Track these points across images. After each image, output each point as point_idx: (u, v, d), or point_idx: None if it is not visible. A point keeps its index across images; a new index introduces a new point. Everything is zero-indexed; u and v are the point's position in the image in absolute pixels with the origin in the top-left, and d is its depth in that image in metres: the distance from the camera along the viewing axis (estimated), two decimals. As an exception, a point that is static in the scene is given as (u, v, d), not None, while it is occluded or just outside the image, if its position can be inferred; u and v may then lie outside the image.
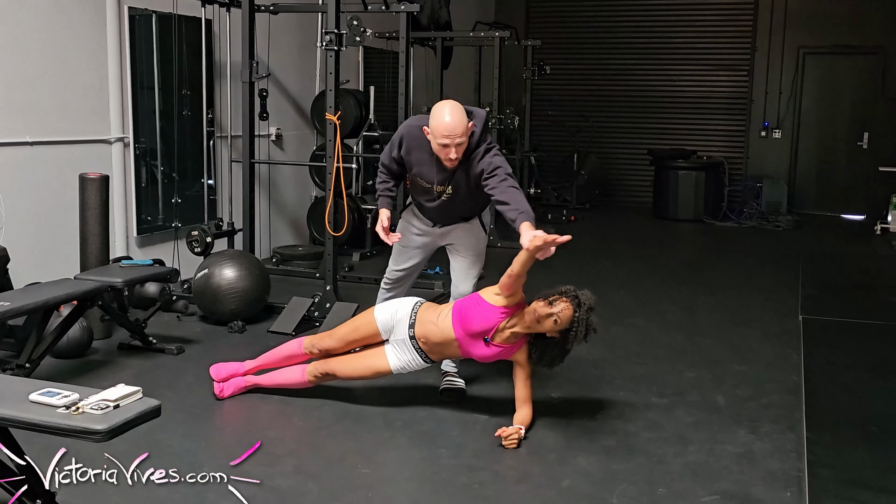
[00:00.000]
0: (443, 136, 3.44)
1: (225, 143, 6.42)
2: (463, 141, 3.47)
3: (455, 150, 3.47)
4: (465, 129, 3.47)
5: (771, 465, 3.27)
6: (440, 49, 8.38)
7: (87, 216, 4.65)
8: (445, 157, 3.51)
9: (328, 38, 4.97)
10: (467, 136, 3.49)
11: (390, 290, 4.06)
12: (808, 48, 10.62)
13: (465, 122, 3.47)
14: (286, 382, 3.81)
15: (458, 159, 3.52)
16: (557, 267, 7.17)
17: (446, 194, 3.70)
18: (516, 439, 3.34)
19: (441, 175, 3.65)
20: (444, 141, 3.45)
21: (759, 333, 5.22)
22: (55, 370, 4.07)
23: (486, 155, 3.57)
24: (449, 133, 3.43)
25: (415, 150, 3.68)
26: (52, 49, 5.04)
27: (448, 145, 3.45)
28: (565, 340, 3.42)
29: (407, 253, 3.99)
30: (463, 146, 3.49)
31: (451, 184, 3.65)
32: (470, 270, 3.91)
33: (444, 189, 3.69)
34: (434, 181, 3.69)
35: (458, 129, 3.44)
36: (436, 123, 3.47)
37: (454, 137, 3.44)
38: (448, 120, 3.43)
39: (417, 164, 3.71)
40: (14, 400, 2.34)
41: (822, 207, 10.74)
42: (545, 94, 10.70)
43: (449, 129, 3.43)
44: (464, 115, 3.47)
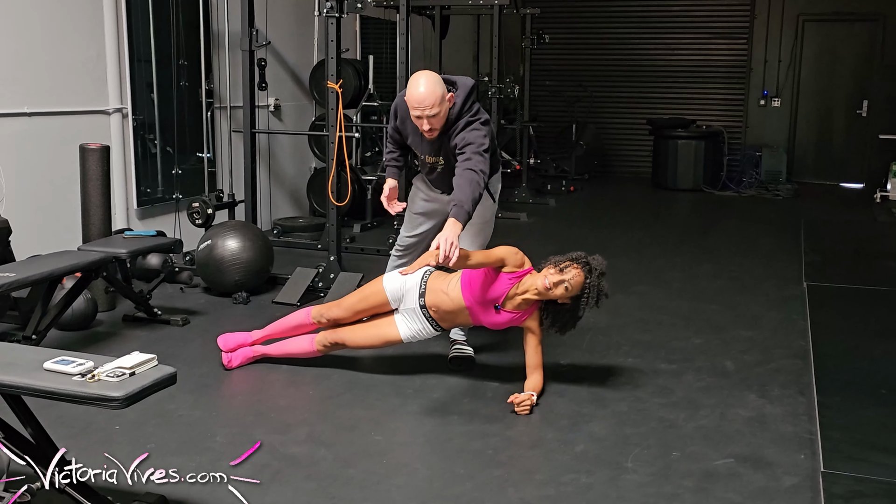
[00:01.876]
0: (413, 108, 3.43)
1: (224, 113, 6.36)
2: (435, 112, 3.41)
3: (427, 122, 3.44)
4: (438, 100, 3.39)
5: (783, 428, 3.28)
6: (438, 18, 8.29)
7: (89, 187, 4.61)
8: (421, 129, 3.51)
9: (329, 4, 4.89)
10: (442, 108, 3.43)
11: (402, 257, 4.03)
12: (808, 15, 10.55)
13: (439, 94, 3.40)
14: (295, 352, 3.79)
15: (433, 130, 3.49)
16: (558, 236, 7.23)
17: (440, 165, 3.68)
18: (528, 405, 3.34)
19: (428, 146, 3.64)
20: (415, 112, 3.44)
21: (763, 300, 5.22)
22: (61, 342, 4.05)
23: (465, 129, 3.50)
24: (419, 104, 3.40)
25: (407, 120, 3.65)
26: (50, 19, 4.97)
27: (420, 116, 3.43)
28: (577, 307, 3.41)
29: (417, 220, 3.97)
30: (437, 118, 3.44)
31: (440, 155, 3.63)
32: (476, 238, 3.87)
33: (435, 160, 3.67)
34: (423, 152, 3.68)
35: (428, 100, 3.38)
36: (409, 94, 3.45)
37: (424, 108, 3.39)
38: (421, 91, 3.39)
39: (411, 134, 3.71)
40: (28, 368, 2.32)
41: (822, 176, 10.72)
42: (544, 64, 10.63)
43: (418, 100, 3.39)
44: (437, 87, 3.41)
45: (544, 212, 8.48)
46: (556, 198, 9.16)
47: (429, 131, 3.49)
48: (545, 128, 10.58)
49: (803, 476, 2.88)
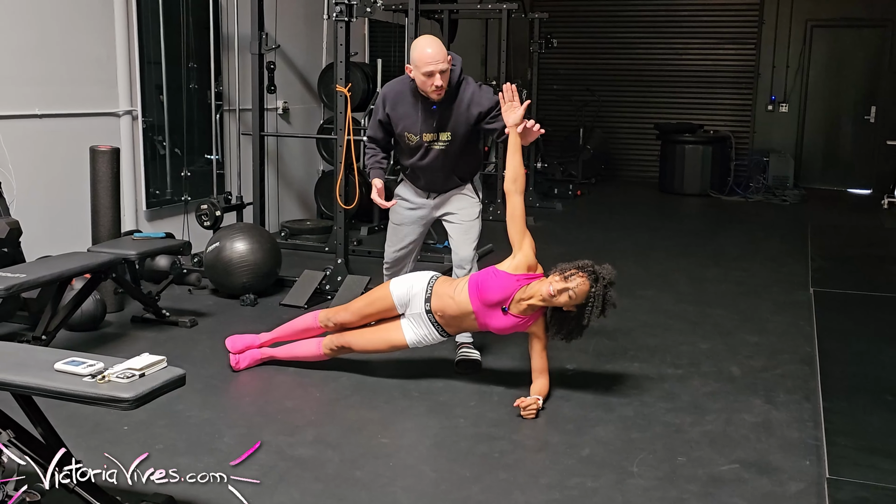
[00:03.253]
0: (426, 64, 3.52)
1: (233, 116, 6.39)
2: (446, 68, 3.55)
3: (440, 77, 3.55)
4: (446, 56, 3.56)
5: (789, 433, 3.29)
6: (447, 22, 8.31)
7: (99, 189, 4.64)
8: (432, 87, 3.58)
9: (338, 8, 4.92)
10: (450, 65, 3.58)
11: (392, 274, 4.03)
12: (816, 21, 10.54)
13: (445, 50, 3.57)
14: (302, 355, 3.81)
15: (443, 88, 3.58)
16: (565, 239, 7.24)
17: (439, 143, 3.73)
18: (535, 409, 3.35)
19: (428, 122, 3.70)
20: (428, 68, 3.53)
21: (769, 304, 5.22)
22: (70, 343, 4.07)
23: (484, 93, 3.70)
24: (432, 59, 3.52)
25: (399, 103, 3.75)
26: (60, 21, 5.00)
27: (433, 72, 3.53)
28: (582, 315, 3.41)
29: (402, 231, 4.01)
30: (447, 74, 3.57)
31: (444, 130, 3.71)
32: (467, 235, 3.91)
33: (433, 138, 3.72)
34: (421, 131, 3.73)
35: (440, 55, 3.53)
36: (418, 54, 3.56)
37: (439, 62, 3.52)
38: (430, 50, 3.54)
39: (404, 118, 3.76)
40: (39, 369, 2.34)
41: (829, 181, 10.71)
42: (552, 68, 10.64)
43: (432, 56, 3.52)
44: (443, 45, 3.59)
45: (551, 216, 8.50)
46: (562, 202, 9.17)
47: (439, 89, 3.57)
48: (552, 132, 10.49)
49: (809, 482, 2.89)
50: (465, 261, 3.89)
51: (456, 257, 3.93)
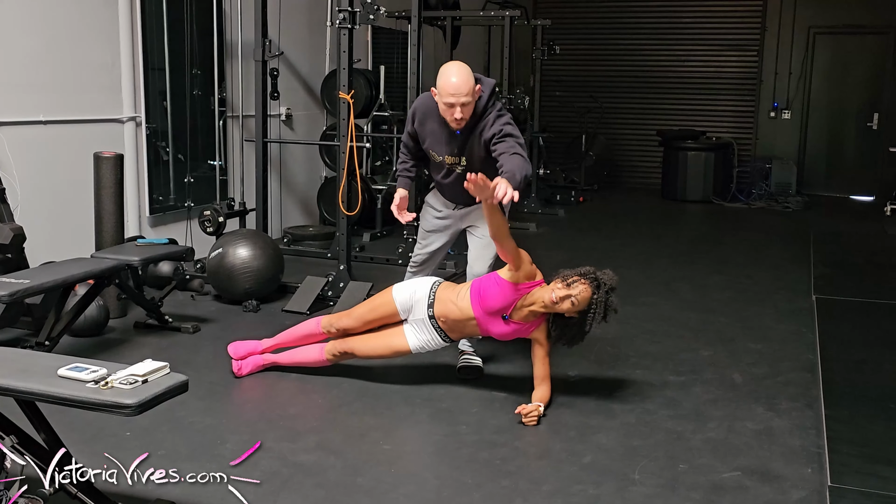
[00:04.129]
0: (449, 95, 3.44)
1: (236, 122, 6.41)
2: (468, 101, 3.46)
3: (460, 110, 3.46)
4: (472, 89, 3.46)
5: (791, 441, 3.28)
6: (450, 28, 8.33)
7: (102, 195, 4.65)
8: (451, 118, 3.50)
9: (341, 15, 4.94)
10: (474, 98, 3.48)
11: (416, 273, 4.06)
12: (819, 28, 10.55)
13: (472, 83, 3.46)
14: (304, 361, 3.82)
15: (463, 120, 3.50)
16: (568, 245, 7.25)
17: (459, 167, 3.68)
18: (536, 416, 3.35)
19: (450, 146, 3.64)
20: (449, 100, 3.44)
21: (772, 312, 5.22)
22: (73, 348, 4.08)
23: (497, 121, 3.55)
24: (455, 91, 3.43)
25: (427, 120, 3.67)
26: (65, 28, 5.02)
27: (454, 104, 3.45)
28: (584, 321, 3.42)
29: (429, 237, 4.00)
30: (469, 107, 3.48)
31: (463, 155, 3.64)
32: (484, 251, 3.88)
33: (455, 161, 3.68)
34: (444, 153, 3.68)
35: (464, 87, 3.43)
36: (442, 82, 3.47)
37: (459, 96, 3.43)
38: (455, 80, 3.43)
39: (430, 136, 3.70)
40: (42, 375, 2.35)
41: (832, 188, 10.71)
42: (554, 75, 10.66)
43: (455, 87, 3.43)
44: (470, 76, 3.47)
45: (553, 222, 8.50)
46: (565, 208, 9.19)
47: (458, 121, 3.49)
48: (555, 138, 10.60)
49: (811, 490, 2.88)
50: (478, 276, 3.86)
51: (470, 270, 3.92)
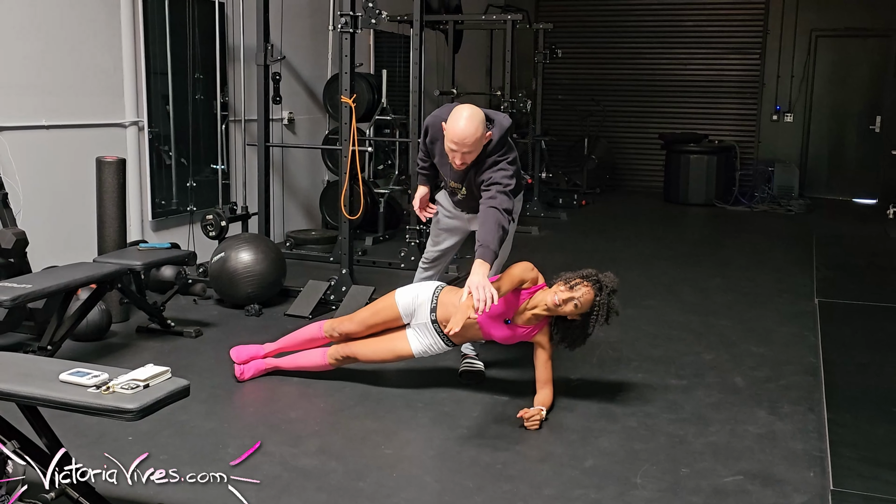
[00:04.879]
0: (451, 142, 3.42)
1: (238, 126, 6.42)
2: (470, 151, 3.43)
3: (460, 158, 3.45)
4: (477, 140, 3.40)
5: (793, 445, 3.28)
6: (452, 32, 8.34)
7: (105, 199, 4.66)
8: (451, 161, 3.52)
9: (343, 20, 4.95)
10: (477, 149, 3.45)
11: (427, 270, 4.10)
12: (821, 31, 10.55)
13: (479, 135, 3.40)
14: (307, 365, 3.82)
15: (463, 165, 3.49)
16: (570, 248, 7.25)
17: (461, 193, 3.73)
18: (538, 420, 3.35)
19: (453, 173, 3.66)
20: (451, 146, 3.44)
21: (774, 315, 5.22)
22: (75, 353, 4.09)
23: (492, 168, 3.50)
24: (457, 141, 3.40)
25: (437, 141, 3.67)
26: (68, 32, 5.04)
27: (455, 151, 3.44)
28: (586, 324, 3.43)
29: (441, 235, 4.04)
30: (471, 155, 3.45)
31: (464, 184, 3.67)
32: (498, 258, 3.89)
33: (457, 187, 3.72)
34: (448, 176, 3.72)
35: (468, 139, 3.38)
36: (450, 125, 3.43)
37: (462, 146, 3.40)
38: (461, 128, 3.38)
39: (438, 155, 3.72)
40: (44, 379, 2.36)
41: (834, 191, 10.71)
42: (556, 78, 10.67)
43: (459, 136, 3.39)
44: (479, 127, 3.40)
45: (556, 225, 8.50)
46: (567, 211, 9.19)
47: (459, 165, 3.50)
48: (557, 142, 10.61)
49: (813, 494, 2.88)
50: None
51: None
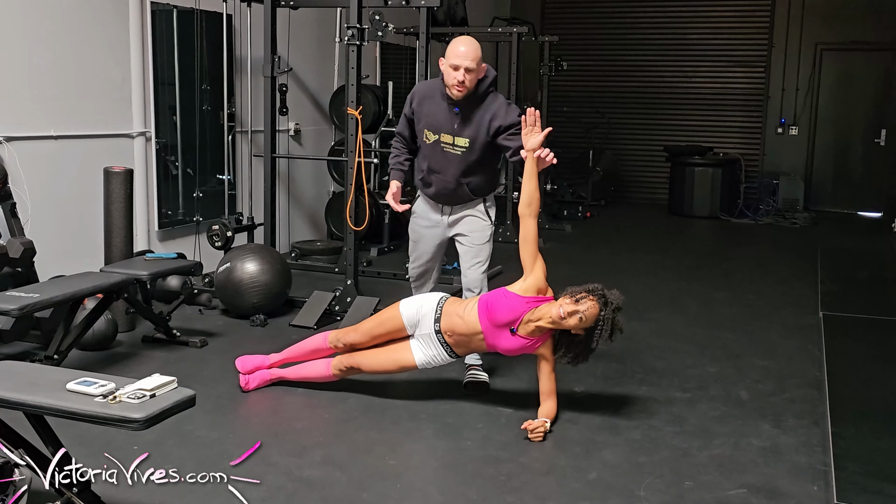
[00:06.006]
0: (455, 57, 3.62)
1: (245, 137, 6.45)
2: (473, 67, 3.63)
3: (464, 75, 3.62)
4: (478, 59, 3.64)
5: (797, 458, 3.28)
6: (457, 45, 8.36)
7: (112, 209, 4.69)
8: (454, 81, 3.64)
9: (350, 32, 4.98)
10: (478, 69, 3.67)
11: (416, 288, 4.12)
12: (826, 44, 10.57)
13: (478, 53, 3.66)
14: (311, 376, 3.83)
15: (464, 86, 3.65)
16: (575, 260, 7.25)
17: (458, 148, 3.78)
18: (542, 432, 3.36)
19: (449, 123, 3.77)
20: (455, 61, 3.61)
21: (779, 328, 5.22)
22: (81, 362, 4.11)
23: (511, 112, 3.74)
24: (462, 55, 3.61)
25: (426, 101, 3.84)
26: (76, 43, 5.08)
27: (458, 66, 3.61)
28: (590, 339, 3.43)
29: (419, 247, 4.06)
30: (472, 75, 3.65)
31: (463, 136, 3.76)
32: (476, 258, 3.94)
33: (451, 141, 3.79)
34: (441, 131, 3.80)
35: (470, 53, 3.62)
36: (451, 49, 3.66)
37: (466, 59, 3.60)
38: (463, 48, 3.63)
39: (426, 116, 3.84)
40: (51, 388, 2.37)
41: (839, 204, 10.70)
42: (561, 91, 10.69)
43: (463, 52, 3.62)
44: (478, 50, 3.67)
45: (560, 237, 8.51)
46: (572, 223, 9.19)
47: (460, 84, 3.63)
48: (562, 154, 10.47)
49: (816, 507, 2.89)
50: (474, 283, 3.91)
51: (465, 279, 3.97)
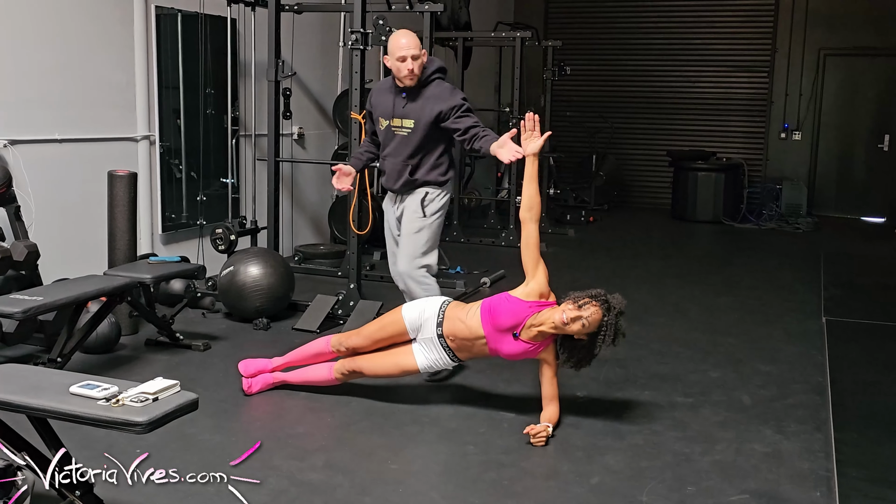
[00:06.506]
0: (400, 50, 3.90)
1: (248, 141, 6.47)
2: (418, 55, 3.92)
3: (412, 62, 3.90)
4: (419, 46, 3.95)
5: (799, 464, 3.28)
6: (461, 49, 8.39)
7: (116, 213, 4.70)
8: (405, 73, 3.92)
9: (354, 37, 4.99)
10: (422, 56, 3.96)
11: None
12: (829, 49, 10.57)
13: (419, 44, 3.96)
14: (314, 379, 3.84)
15: (415, 74, 3.93)
16: (577, 265, 7.26)
17: (403, 130, 4.03)
18: (544, 437, 3.36)
19: (396, 108, 4.03)
20: (402, 53, 3.90)
21: (781, 333, 5.22)
22: (85, 365, 4.11)
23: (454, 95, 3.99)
24: (405, 47, 3.90)
25: (377, 94, 4.18)
26: (81, 47, 5.10)
27: (405, 57, 3.90)
28: (593, 344, 3.43)
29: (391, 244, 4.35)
30: (419, 62, 3.93)
31: (409, 118, 4.01)
32: (403, 249, 4.14)
33: (399, 124, 4.04)
34: (390, 116, 4.06)
35: (413, 42, 3.93)
36: (393, 44, 3.95)
37: (411, 49, 3.90)
38: (404, 40, 3.93)
39: (379, 106, 4.14)
40: (54, 392, 2.38)
41: (842, 210, 10.69)
42: (565, 95, 10.71)
43: (406, 45, 3.91)
44: (417, 39, 3.97)
45: (563, 242, 8.51)
46: (575, 228, 9.20)
47: (411, 72, 3.92)
48: (565, 158, 10.63)
49: (819, 513, 2.88)
50: (398, 276, 4.19)
51: (393, 269, 4.26)
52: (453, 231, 8.06)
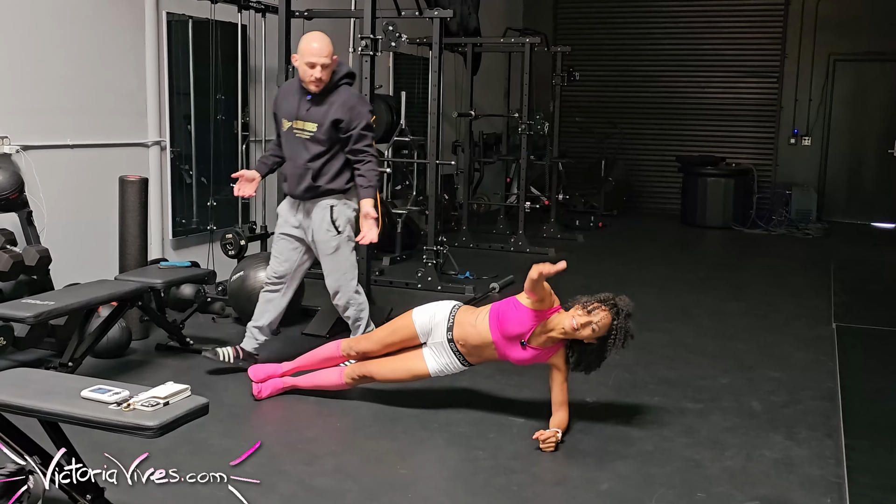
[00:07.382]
0: (311, 55, 3.82)
1: (259, 147, 6.49)
2: (328, 63, 3.84)
3: (321, 70, 3.83)
4: (330, 54, 3.85)
5: (810, 471, 3.27)
6: (470, 55, 8.41)
7: (127, 218, 4.73)
8: (311, 78, 3.84)
9: (364, 43, 5.01)
10: (332, 63, 3.87)
11: (274, 290, 4.21)
12: (839, 55, 10.54)
13: (331, 48, 3.85)
14: (323, 384, 3.85)
15: (321, 82, 3.86)
16: (587, 271, 7.24)
17: (305, 132, 3.96)
18: (553, 443, 3.36)
19: (300, 110, 3.95)
20: (311, 59, 3.82)
21: (792, 339, 5.20)
22: (95, 369, 4.13)
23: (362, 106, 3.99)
24: (316, 53, 3.82)
25: (285, 95, 4.08)
26: (93, 53, 5.13)
27: (314, 64, 3.81)
28: (603, 347, 3.44)
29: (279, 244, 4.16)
30: (327, 69, 3.86)
31: (313, 121, 3.93)
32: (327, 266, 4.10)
33: (301, 127, 3.96)
34: (292, 117, 3.98)
35: (324, 49, 3.83)
36: (304, 46, 3.85)
37: (321, 56, 3.81)
38: (316, 45, 3.84)
39: (283, 106, 4.05)
40: (66, 396, 2.40)
41: (852, 215, 10.65)
42: (574, 101, 10.71)
43: (317, 50, 3.82)
44: (330, 45, 3.86)
45: (572, 247, 8.50)
46: (584, 233, 9.19)
47: (317, 80, 3.85)
48: (575, 164, 10.62)
49: (829, 520, 2.87)
50: (332, 291, 4.14)
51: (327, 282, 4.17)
52: (462, 237, 8.07)
